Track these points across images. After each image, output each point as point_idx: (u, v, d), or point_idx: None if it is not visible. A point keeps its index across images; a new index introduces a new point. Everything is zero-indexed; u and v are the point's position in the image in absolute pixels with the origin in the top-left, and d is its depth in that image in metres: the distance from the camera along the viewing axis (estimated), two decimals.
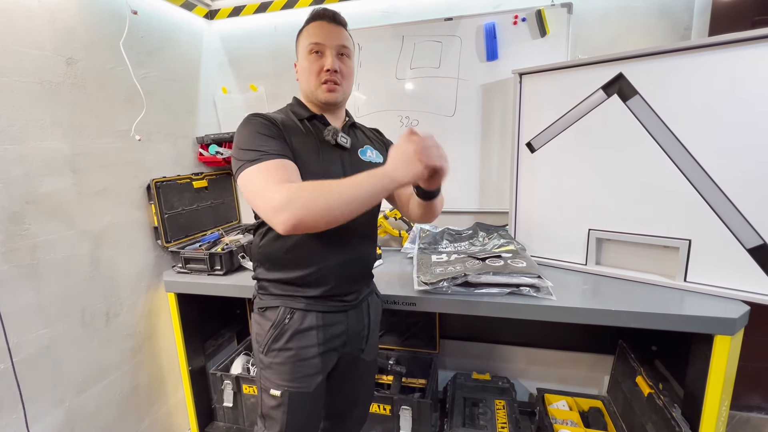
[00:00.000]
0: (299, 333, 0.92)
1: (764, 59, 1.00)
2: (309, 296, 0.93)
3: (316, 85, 0.91)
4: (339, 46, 0.91)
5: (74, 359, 1.27)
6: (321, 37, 0.90)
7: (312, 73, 0.91)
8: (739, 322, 1.01)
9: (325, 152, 0.91)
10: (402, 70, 1.69)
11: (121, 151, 1.42)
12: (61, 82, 1.22)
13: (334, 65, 0.90)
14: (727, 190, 1.08)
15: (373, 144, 1.05)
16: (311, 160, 0.88)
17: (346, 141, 0.94)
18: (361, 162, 0.97)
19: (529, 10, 1.50)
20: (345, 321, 0.98)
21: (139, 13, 1.45)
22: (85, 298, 1.31)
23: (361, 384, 1.12)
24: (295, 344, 0.92)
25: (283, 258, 0.93)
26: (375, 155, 1.02)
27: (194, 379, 1.66)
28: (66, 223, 1.24)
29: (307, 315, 0.93)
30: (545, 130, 1.40)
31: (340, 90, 0.93)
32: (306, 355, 0.93)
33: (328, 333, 0.95)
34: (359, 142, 1.01)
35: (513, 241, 1.46)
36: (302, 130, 0.92)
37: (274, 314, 0.94)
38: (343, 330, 0.98)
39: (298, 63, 0.96)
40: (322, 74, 0.90)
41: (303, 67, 0.93)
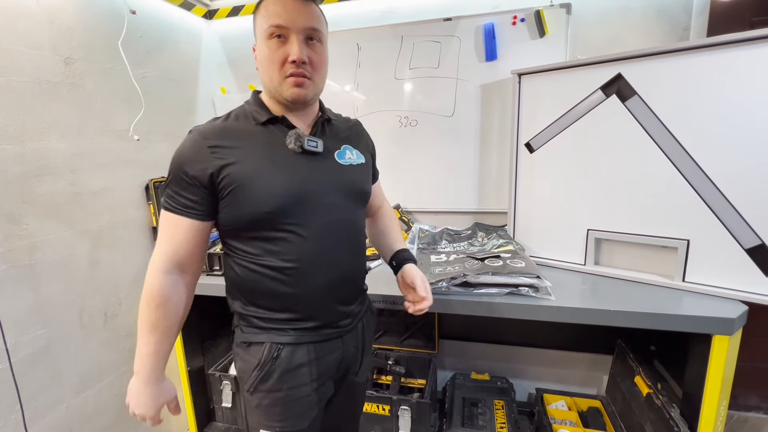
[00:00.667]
0: (289, 372, 0.79)
1: (762, 60, 1.00)
2: (298, 328, 0.80)
3: (279, 80, 0.74)
4: (308, 29, 0.74)
5: (72, 360, 1.27)
6: (283, 18, 0.72)
7: (274, 63, 0.73)
8: (738, 322, 1.01)
9: (292, 164, 0.76)
10: (401, 70, 1.69)
11: (119, 151, 1.42)
12: (60, 81, 1.22)
13: (302, 54, 0.72)
14: (726, 190, 1.08)
15: (351, 141, 0.89)
16: (277, 178, 0.74)
17: (316, 145, 0.78)
18: (340, 168, 0.82)
19: (528, 11, 1.50)
20: (341, 348, 0.85)
21: (137, 13, 1.45)
22: (84, 298, 1.30)
23: (352, 406, 1.02)
24: (285, 384, 0.80)
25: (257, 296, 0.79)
26: (355, 156, 0.87)
27: (193, 380, 1.65)
28: (64, 223, 1.23)
29: (297, 350, 0.80)
30: (544, 130, 1.40)
31: (311, 85, 0.76)
32: (299, 395, 0.81)
33: (323, 365, 0.83)
34: (335, 142, 0.85)
35: (512, 241, 1.46)
36: (261, 139, 0.76)
37: (259, 351, 0.79)
38: (339, 358, 0.86)
39: (257, 52, 0.77)
40: (286, 65, 0.73)
41: (262, 55, 0.75)
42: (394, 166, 1.76)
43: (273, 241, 0.75)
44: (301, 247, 0.76)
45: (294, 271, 0.76)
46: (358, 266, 0.90)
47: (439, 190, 1.76)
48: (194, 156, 0.72)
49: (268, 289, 0.77)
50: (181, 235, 0.74)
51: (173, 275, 0.75)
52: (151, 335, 0.75)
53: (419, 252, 1.51)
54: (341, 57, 1.74)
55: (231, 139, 0.74)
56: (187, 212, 0.73)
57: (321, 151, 0.79)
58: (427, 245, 1.57)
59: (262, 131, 0.77)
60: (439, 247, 1.57)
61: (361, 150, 0.89)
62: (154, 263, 0.75)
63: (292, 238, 0.75)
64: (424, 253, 1.49)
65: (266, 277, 0.77)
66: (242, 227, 0.75)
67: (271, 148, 0.76)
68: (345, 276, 0.84)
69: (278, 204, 0.73)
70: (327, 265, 0.79)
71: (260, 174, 0.73)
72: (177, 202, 0.73)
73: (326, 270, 0.79)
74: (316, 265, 0.78)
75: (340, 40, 1.72)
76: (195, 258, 0.78)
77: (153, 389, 0.77)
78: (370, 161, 0.93)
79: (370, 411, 1.54)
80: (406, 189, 1.78)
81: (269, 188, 0.73)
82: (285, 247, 0.75)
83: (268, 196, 0.72)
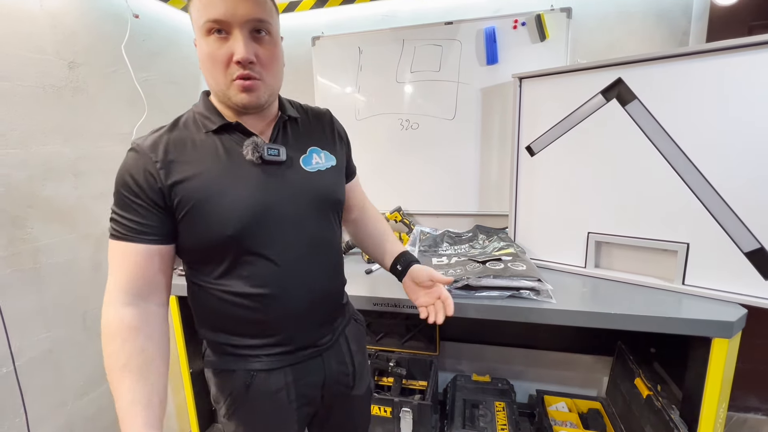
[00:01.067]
0: (265, 398, 0.73)
1: (760, 65, 1.01)
2: (272, 353, 0.73)
3: (225, 83, 0.64)
4: (253, 21, 0.62)
5: (75, 363, 1.27)
6: (222, 10, 0.60)
7: (217, 64, 0.63)
8: (737, 325, 1.02)
9: (252, 177, 0.67)
10: (402, 73, 1.70)
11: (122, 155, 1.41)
12: (63, 86, 1.22)
13: (247, 53, 0.62)
14: (725, 194, 1.09)
15: (320, 139, 0.79)
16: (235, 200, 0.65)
17: (277, 153, 0.68)
18: (307, 176, 0.73)
19: (528, 15, 1.51)
20: (321, 367, 0.78)
21: (140, 17, 1.45)
22: (87, 301, 1.31)
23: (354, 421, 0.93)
24: (262, 409, 0.74)
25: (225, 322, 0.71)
26: (324, 158, 0.76)
27: (195, 381, 1.66)
28: (68, 227, 1.24)
29: (272, 375, 0.73)
30: (545, 133, 1.41)
31: (262, 86, 0.66)
32: (278, 419, 0.75)
33: (302, 386, 0.76)
34: (300, 145, 0.75)
35: (513, 244, 1.47)
36: (214, 150, 0.66)
37: (231, 379, 0.73)
38: (321, 377, 0.79)
39: (198, 45, 0.66)
40: (231, 66, 0.63)
41: (203, 54, 0.64)
42: (395, 169, 1.77)
43: (239, 266, 0.67)
44: (271, 271, 0.68)
45: (265, 298, 0.69)
46: (336, 284, 0.82)
47: (440, 192, 1.77)
48: (138, 172, 0.62)
49: (237, 316, 0.70)
50: (135, 264, 0.63)
51: (134, 307, 0.63)
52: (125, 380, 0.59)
53: (421, 254, 1.52)
54: (343, 60, 1.75)
55: (180, 152, 0.64)
56: (139, 237, 0.63)
57: (284, 159, 0.70)
58: (428, 248, 1.58)
59: (215, 140, 0.67)
60: (440, 249, 1.58)
61: (330, 148, 0.79)
62: (108, 300, 0.63)
63: (260, 263, 0.68)
64: (426, 256, 1.50)
65: (234, 305, 0.69)
66: (203, 252, 0.68)
67: (227, 160, 0.66)
68: (322, 297, 0.77)
69: (241, 226, 0.65)
70: (301, 289, 0.72)
71: (217, 192, 0.64)
72: (125, 227, 0.63)
73: (301, 294, 0.72)
74: (289, 291, 0.70)
75: (342, 43, 1.73)
76: (159, 287, 0.66)
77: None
78: (342, 160, 0.82)
79: (372, 413, 1.55)
80: (407, 191, 1.79)
81: (229, 209, 0.64)
82: (253, 271, 0.68)
83: (228, 218, 0.64)
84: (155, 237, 0.64)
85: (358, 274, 1.49)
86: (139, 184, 0.62)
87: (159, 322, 0.66)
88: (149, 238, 0.64)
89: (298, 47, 1.82)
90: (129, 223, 0.63)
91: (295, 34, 1.82)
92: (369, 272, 1.50)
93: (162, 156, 0.63)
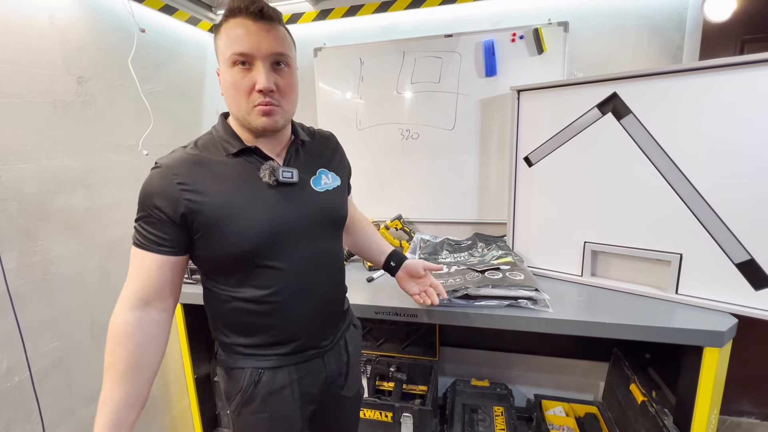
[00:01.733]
0: (272, 394, 0.80)
1: (751, 83, 1.05)
2: (279, 353, 0.80)
3: (247, 109, 0.71)
4: (274, 54, 0.70)
5: (84, 370, 1.30)
6: (247, 45, 0.68)
7: (240, 92, 0.70)
8: (727, 334, 1.06)
9: (268, 198, 0.74)
10: (403, 84, 1.73)
11: (129, 166, 1.45)
12: (72, 101, 1.25)
13: (269, 83, 0.69)
14: (717, 207, 1.13)
15: (327, 162, 0.87)
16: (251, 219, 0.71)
17: (291, 176, 0.75)
18: (317, 196, 0.80)
19: (526, 28, 1.55)
20: (323, 366, 0.86)
21: (146, 31, 1.48)
22: (95, 309, 1.34)
23: (344, 422, 1.00)
24: (269, 406, 0.80)
25: (237, 326, 0.79)
26: (331, 178, 0.84)
27: (199, 387, 1.69)
28: (77, 238, 1.27)
29: (278, 373, 0.80)
30: (542, 145, 1.44)
31: (280, 112, 0.73)
32: (283, 415, 0.82)
33: (305, 385, 0.83)
34: (311, 167, 0.82)
35: (511, 253, 1.50)
36: (233, 172, 0.73)
37: (240, 377, 0.79)
38: (323, 376, 0.86)
39: (221, 74, 0.73)
40: (253, 95, 0.70)
41: (227, 83, 0.71)
42: (396, 177, 1.80)
43: (252, 276, 0.74)
44: (280, 280, 0.75)
45: (274, 305, 0.76)
46: (338, 292, 0.90)
47: (440, 200, 1.80)
48: (162, 192, 0.68)
49: (248, 320, 0.77)
50: (148, 271, 0.70)
51: (138, 312, 0.69)
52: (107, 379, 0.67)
53: None
54: (344, 71, 1.78)
55: (201, 174, 0.71)
56: (156, 248, 0.69)
57: (296, 181, 0.77)
58: (428, 255, 1.61)
59: (234, 163, 0.74)
60: (440, 257, 1.61)
61: (336, 169, 0.87)
62: (120, 299, 0.70)
63: (271, 273, 0.74)
64: None
65: (246, 310, 0.76)
66: (219, 263, 0.74)
67: (244, 182, 0.73)
68: (325, 304, 0.84)
69: (256, 243, 0.72)
70: (307, 297, 0.79)
71: (235, 212, 0.71)
72: (145, 238, 0.69)
73: (306, 302, 0.79)
74: (296, 298, 0.77)
75: (344, 54, 1.76)
76: (165, 294, 0.72)
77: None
78: (345, 181, 0.91)
79: (372, 418, 1.58)
80: (407, 199, 1.82)
81: (245, 228, 0.71)
82: (264, 281, 0.75)
83: (244, 235, 0.71)
84: (170, 249, 0.70)
85: (359, 281, 1.52)
86: (160, 202, 0.68)
87: (156, 329, 0.72)
88: (164, 250, 0.70)
89: (300, 58, 1.81)
90: (148, 234, 0.69)
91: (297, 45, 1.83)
92: (370, 280, 1.53)
93: (184, 177, 0.69)
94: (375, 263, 1.09)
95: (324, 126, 1.87)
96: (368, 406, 1.59)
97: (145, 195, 0.69)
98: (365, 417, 1.59)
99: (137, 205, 0.70)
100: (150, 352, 0.71)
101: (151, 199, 0.68)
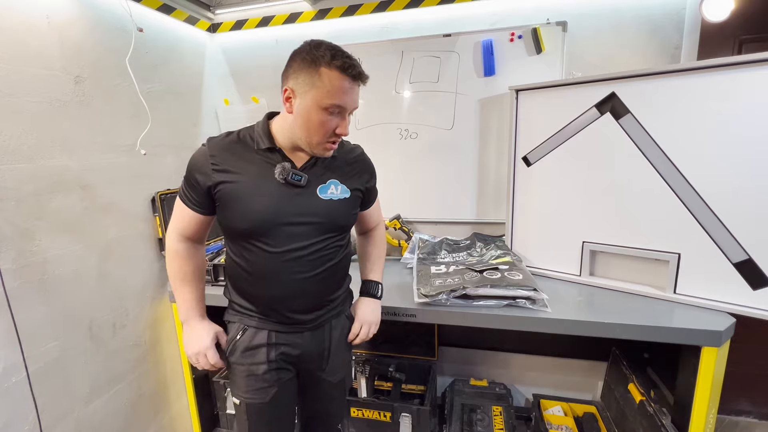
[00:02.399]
0: (249, 350, 0.96)
1: (750, 82, 1.05)
2: (261, 317, 0.96)
3: (319, 141, 0.86)
4: (355, 108, 0.88)
5: (82, 370, 1.30)
6: (345, 101, 0.82)
7: (322, 130, 0.84)
8: (725, 334, 1.06)
9: (275, 192, 0.88)
10: (401, 84, 1.73)
11: (126, 166, 1.45)
12: (69, 100, 1.25)
13: (347, 130, 0.87)
14: (715, 206, 1.13)
15: (344, 175, 0.97)
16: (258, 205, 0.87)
17: (300, 179, 0.89)
18: (317, 201, 0.92)
19: (525, 28, 1.55)
20: (300, 342, 0.98)
21: (144, 30, 1.48)
22: (93, 310, 1.34)
23: (327, 404, 1.11)
24: (245, 360, 0.97)
25: (236, 285, 0.99)
26: (339, 191, 0.95)
27: (198, 387, 1.69)
28: (74, 238, 1.27)
29: (258, 332, 0.96)
30: (541, 144, 1.44)
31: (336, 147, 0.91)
32: (257, 371, 0.97)
33: (280, 351, 0.97)
34: (323, 177, 0.94)
35: (509, 252, 1.50)
36: (255, 165, 0.89)
37: (233, 329, 1.00)
38: (298, 351, 0.98)
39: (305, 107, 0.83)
40: (332, 135, 0.86)
41: (314, 120, 0.83)
42: (394, 177, 1.80)
43: (247, 249, 0.91)
44: (264, 259, 0.91)
45: (257, 278, 0.93)
46: (325, 288, 0.99)
47: (439, 200, 1.80)
48: (199, 167, 0.89)
49: (242, 286, 0.97)
50: (185, 220, 0.95)
51: (183, 243, 0.97)
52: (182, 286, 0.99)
53: (419, 262, 1.55)
54: None
55: (231, 159, 0.89)
56: (191, 205, 0.93)
57: (304, 185, 0.90)
58: (427, 255, 1.61)
59: (260, 158, 0.90)
60: (438, 257, 1.61)
61: (351, 183, 0.97)
62: (169, 235, 0.98)
63: (258, 252, 0.90)
64: (425, 264, 1.53)
65: (241, 277, 0.95)
66: (227, 232, 0.95)
67: (261, 175, 0.88)
68: (304, 293, 0.94)
69: (252, 225, 0.88)
70: (284, 281, 0.92)
71: (245, 196, 0.88)
72: (185, 195, 0.93)
73: (283, 285, 0.92)
74: (271, 278, 0.92)
75: None
76: (199, 234, 0.99)
77: (198, 327, 0.99)
78: (357, 195, 1.01)
79: (371, 418, 1.58)
80: (406, 199, 1.82)
81: (249, 211, 0.87)
82: (253, 256, 0.91)
83: (246, 216, 0.88)
84: (201, 209, 0.93)
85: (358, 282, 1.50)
86: (197, 174, 0.89)
87: (199, 255, 1.02)
88: (197, 208, 0.93)
89: None
90: (187, 194, 0.93)
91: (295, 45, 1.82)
92: None
93: (218, 159, 0.88)
94: None
95: None
96: (367, 406, 1.59)
97: (190, 164, 0.91)
98: (364, 417, 1.59)
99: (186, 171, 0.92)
100: (197, 265, 1.01)
101: (192, 170, 0.90)
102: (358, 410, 1.60)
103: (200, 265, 1.02)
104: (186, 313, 0.99)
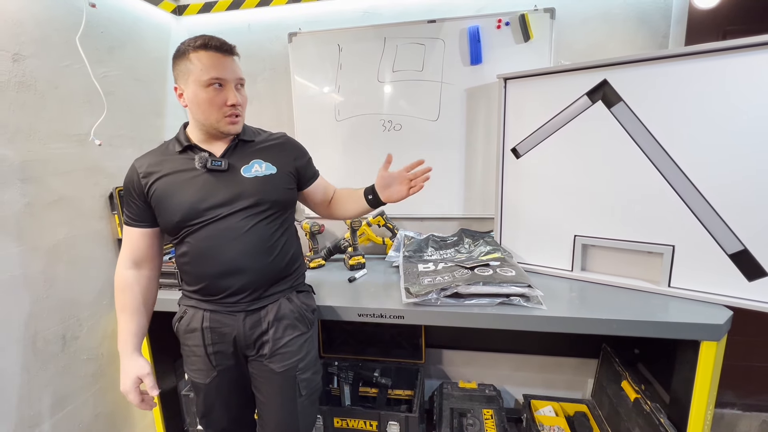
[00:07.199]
0: (188, 333, 1.02)
1: (742, 68, 1.02)
2: (198, 298, 1.01)
3: (218, 118, 0.94)
4: (237, 79, 0.95)
5: (26, 389, 1.14)
6: (220, 71, 0.91)
7: (213, 106, 0.93)
8: (724, 327, 1.03)
9: (199, 182, 0.95)
10: (384, 72, 1.64)
11: (78, 157, 1.29)
12: (6, 80, 1.09)
13: (238, 100, 0.94)
14: (709, 196, 1.10)
15: (266, 155, 1.03)
16: (184, 195, 0.94)
17: (220, 164, 0.96)
18: (242, 180, 0.98)
19: (512, 14, 1.49)
20: (233, 324, 0.99)
21: (97, 6, 1.32)
22: (38, 321, 1.17)
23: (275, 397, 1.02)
24: (186, 342, 1.03)
25: (181, 273, 1.05)
26: (264, 168, 1.01)
27: (164, 402, 1.54)
28: (13, 239, 1.10)
29: (195, 315, 1.01)
30: (530, 135, 1.39)
31: (240, 120, 0.99)
32: (197, 353, 1.01)
33: (216, 334, 1.00)
34: (246, 158, 1.00)
35: (499, 248, 1.44)
36: (178, 163, 0.97)
37: (179, 311, 1.05)
38: (233, 333, 0.99)
39: (191, 92, 0.93)
40: (224, 108, 0.93)
41: (201, 99, 0.92)
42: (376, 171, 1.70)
43: (184, 237, 0.97)
44: (197, 242, 0.96)
45: (191, 259, 0.98)
46: (259, 264, 0.99)
47: (424, 196, 1.69)
48: (129, 181, 0.98)
49: (183, 270, 1.02)
50: (133, 242, 1.01)
51: (132, 270, 1.02)
52: (120, 316, 1.00)
53: (405, 260, 1.46)
54: (321, 58, 1.67)
55: (155, 164, 0.97)
56: (133, 223, 1.00)
57: (226, 168, 0.97)
58: (413, 253, 1.52)
59: (180, 157, 0.98)
60: (425, 254, 1.53)
61: (276, 162, 1.03)
62: (119, 261, 1.02)
63: (192, 237, 0.96)
64: (411, 262, 1.45)
65: (182, 262, 1.00)
66: (169, 230, 0.99)
67: (184, 170, 0.96)
68: (237, 270, 0.96)
69: (184, 213, 0.94)
70: (215, 259, 0.96)
71: (173, 192, 0.95)
72: (127, 215, 1.01)
73: (214, 263, 0.96)
74: (205, 257, 0.96)
75: (320, 40, 1.65)
76: (149, 254, 1.03)
77: (125, 364, 0.98)
78: (288, 172, 1.05)
79: (356, 427, 1.48)
80: None
81: (179, 202, 0.94)
82: (191, 243, 0.96)
83: (177, 209, 0.94)
84: (143, 222, 1.00)
85: (340, 282, 1.41)
86: (130, 189, 0.98)
87: (148, 284, 1.05)
88: (139, 223, 1.00)
89: (273, 44, 1.72)
90: (128, 214, 1.00)
91: (270, 30, 1.72)
92: (352, 279, 1.43)
93: (144, 170, 0.97)
94: (362, 209, 1.15)
95: (300, 117, 1.76)
96: (351, 415, 1.48)
97: (124, 184, 0.99)
98: (348, 427, 1.49)
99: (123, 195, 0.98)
100: (147, 296, 1.04)
101: (127, 186, 0.98)
102: (342, 420, 1.49)
103: (141, 295, 1.02)
104: (120, 345, 1.00)
